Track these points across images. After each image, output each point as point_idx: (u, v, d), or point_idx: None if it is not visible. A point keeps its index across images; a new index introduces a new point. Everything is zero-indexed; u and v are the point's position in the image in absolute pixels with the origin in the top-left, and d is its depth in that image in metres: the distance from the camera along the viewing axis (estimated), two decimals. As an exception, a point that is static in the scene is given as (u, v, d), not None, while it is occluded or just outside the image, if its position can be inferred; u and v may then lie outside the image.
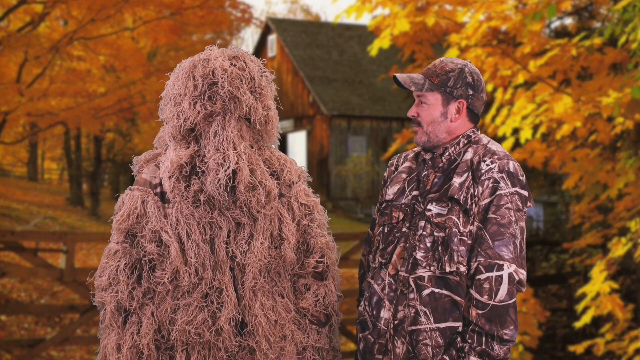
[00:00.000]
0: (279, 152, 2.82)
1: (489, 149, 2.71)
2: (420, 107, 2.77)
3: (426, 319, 2.63)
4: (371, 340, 2.73)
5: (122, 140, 27.11)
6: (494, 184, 2.64)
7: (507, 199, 2.63)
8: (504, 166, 2.65)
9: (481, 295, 2.58)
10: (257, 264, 2.65)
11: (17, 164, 35.81)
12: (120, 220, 2.71)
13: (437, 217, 2.66)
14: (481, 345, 2.59)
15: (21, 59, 13.42)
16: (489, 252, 2.59)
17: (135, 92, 14.48)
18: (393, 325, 2.68)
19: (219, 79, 2.65)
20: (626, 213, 9.61)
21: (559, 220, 20.01)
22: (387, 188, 2.84)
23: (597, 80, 8.81)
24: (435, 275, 2.64)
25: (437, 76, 2.76)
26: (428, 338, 2.63)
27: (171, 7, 13.35)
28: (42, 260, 10.47)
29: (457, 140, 2.75)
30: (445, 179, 2.71)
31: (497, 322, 2.58)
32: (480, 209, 2.63)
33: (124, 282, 2.67)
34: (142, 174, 2.76)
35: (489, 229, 2.61)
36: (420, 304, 2.64)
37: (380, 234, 2.79)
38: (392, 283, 2.70)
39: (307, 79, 28.13)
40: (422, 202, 2.72)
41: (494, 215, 2.62)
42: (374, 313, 2.73)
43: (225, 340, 2.63)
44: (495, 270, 2.58)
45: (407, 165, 2.85)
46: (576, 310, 9.01)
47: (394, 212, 2.78)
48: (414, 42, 10.21)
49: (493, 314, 2.58)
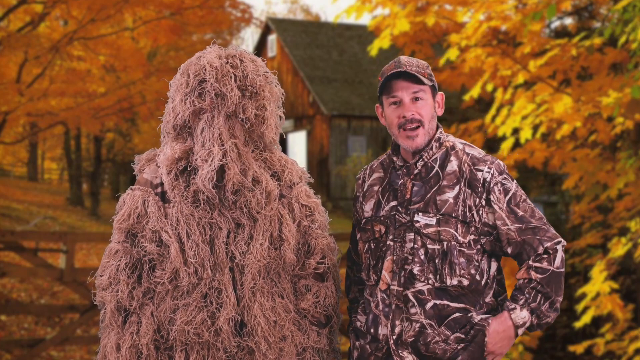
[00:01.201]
0: (281, 152, 2.81)
1: (472, 156, 2.70)
2: (417, 105, 2.69)
3: (433, 330, 2.62)
4: (368, 350, 2.71)
5: (122, 140, 27.11)
6: (504, 187, 2.66)
7: (519, 194, 2.68)
8: (499, 167, 2.68)
9: (541, 262, 2.61)
10: (257, 264, 2.64)
11: (17, 164, 35.81)
12: (121, 220, 2.70)
13: (427, 227, 2.64)
14: (536, 302, 2.60)
15: (21, 59, 13.42)
16: (549, 234, 2.64)
17: (135, 92, 14.48)
18: (393, 340, 2.65)
19: (207, 76, 2.64)
20: (626, 213, 9.60)
21: (559, 220, 20.00)
22: (363, 204, 2.80)
23: (597, 80, 8.81)
24: (434, 287, 2.63)
25: (424, 70, 2.70)
26: (437, 335, 2.62)
27: (171, 7, 13.34)
28: (42, 260, 10.48)
29: (430, 145, 2.71)
30: (427, 187, 2.68)
31: (553, 287, 2.61)
32: (505, 212, 2.64)
33: (124, 281, 2.66)
34: (144, 174, 2.76)
35: (533, 220, 2.65)
36: (425, 318, 2.63)
37: (368, 251, 2.76)
38: (385, 298, 2.67)
39: (307, 79, 28.13)
40: (405, 212, 2.68)
41: (523, 211, 2.65)
42: (371, 331, 2.71)
43: (224, 341, 2.62)
44: (560, 248, 2.63)
45: (376, 177, 2.80)
46: (576, 310, 9.00)
47: (375, 227, 2.74)
48: (414, 42, 10.20)
49: (552, 278, 2.60)
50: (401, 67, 2.67)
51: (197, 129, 2.67)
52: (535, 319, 2.61)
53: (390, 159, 2.80)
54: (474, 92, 9.34)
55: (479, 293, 2.67)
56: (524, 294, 2.60)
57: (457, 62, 9.63)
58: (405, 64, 2.68)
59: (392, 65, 2.71)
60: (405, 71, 2.66)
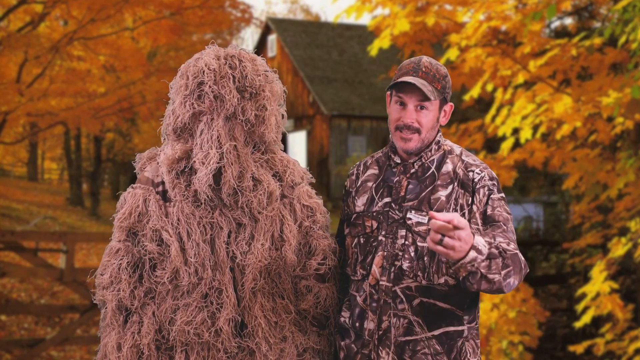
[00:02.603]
0: (282, 153, 2.80)
1: (467, 162, 2.72)
2: (420, 114, 2.69)
3: (420, 328, 2.63)
4: (354, 349, 2.70)
5: (122, 140, 27.11)
6: (489, 191, 2.66)
7: (500, 203, 2.66)
8: (491, 174, 2.70)
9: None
10: (257, 265, 2.64)
11: (17, 164, 35.81)
12: (122, 219, 2.70)
13: (418, 225, 2.64)
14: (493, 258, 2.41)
15: (21, 59, 13.42)
16: (507, 235, 2.55)
17: (135, 92, 14.48)
18: (377, 335, 2.65)
19: (205, 78, 2.64)
20: (626, 213, 9.60)
21: (559, 220, 19.99)
22: (355, 199, 2.79)
23: (597, 80, 8.80)
24: (421, 285, 2.63)
25: (438, 81, 2.70)
26: (426, 347, 2.62)
27: (171, 7, 13.34)
28: (42, 260, 10.48)
29: (429, 147, 2.74)
30: (422, 186, 2.69)
31: (510, 263, 2.45)
32: (480, 213, 2.64)
33: (125, 280, 2.65)
34: (145, 172, 2.76)
35: (498, 218, 2.61)
36: (413, 314, 2.63)
37: (356, 246, 2.75)
38: (373, 293, 2.67)
39: (307, 79, 28.13)
40: (398, 209, 2.69)
41: (495, 212, 2.64)
42: (356, 325, 2.70)
43: (224, 341, 2.62)
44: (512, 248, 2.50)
45: (371, 173, 2.81)
46: (576, 310, 9.00)
47: (367, 222, 2.74)
48: (414, 42, 10.20)
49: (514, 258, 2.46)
50: (417, 73, 2.67)
51: (196, 130, 2.66)
52: (485, 261, 2.40)
53: (387, 156, 2.81)
54: (474, 92, 9.34)
55: (466, 295, 2.67)
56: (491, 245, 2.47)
57: (457, 62, 9.63)
58: (424, 70, 2.68)
59: (410, 65, 2.71)
60: (417, 85, 2.64)
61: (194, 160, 2.63)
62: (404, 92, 2.69)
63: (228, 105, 2.63)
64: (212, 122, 2.64)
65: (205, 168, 2.60)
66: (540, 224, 21.87)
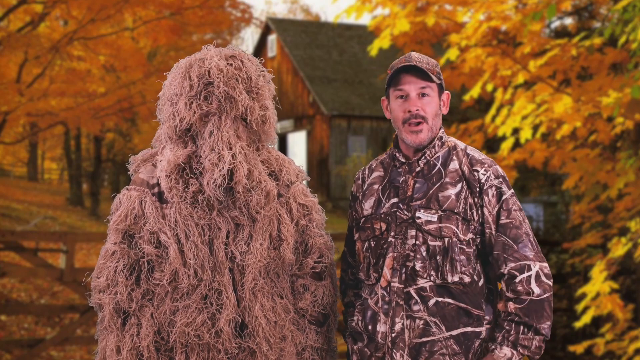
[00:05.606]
0: (277, 152, 2.80)
1: (472, 157, 2.71)
2: (423, 100, 2.70)
3: (437, 329, 2.60)
4: (367, 353, 2.68)
5: (122, 140, 27.10)
6: (498, 191, 2.65)
7: (512, 201, 2.65)
8: (497, 172, 2.68)
9: (516, 292, 2.58)
10: (257, 265, 2.63)
11: (17, 164, 35.81)
12: (118, 221, 2.68)
13: (428, 224, 2.63)
14: (516, 335, 2.57)
15: (21, 59, 13.42)
16: (517, 255, 2.60)
17: (135, 92, 14.47)
18: (391, 338, 2.63)
19: (215, 79, 2.61)
20: (626, 213, 9.60)
21: (559, 220, 19.99)
22: (363, 203, 2.79)
23: (597, 80, 8.80)
24: (436, 284, 2.62)
25: (432, 67, 2.73)
26: (444, 347, 2.60)
27: (171, 7, 13.34)
28: (42, 260, 10.47)
29: (432, 143, 2.72)
30: (429, 184, 2.68)
31: (534, 315, 2.57)
32: (493, 217, 2.64)
33: (122, 283, 2.64)
34: (139, 174, 2.74)
35: (509, 234, 2.62)
36: (429, 315, 2.61)
37: (367, 250, 2.74)
38: (385, 295, 2.66)
39: (307, 79, 28.11)
40: (406, 208, 2.67)
41: (508, 220, 2.63)
42: (369, 328, 2.68)
43: (225, 342, 2.61)
44: (526, 271, 2.58)
45: (376, 175, 2.80)
46: (576, 310, 9.00)
47: (375, 224, 2.72)
48: (414, 42, 10.20)
49: (531, 307, 2.57)
50: (411, 62, 2.70)
51: (204, 132, 2.63)
52: (522, 350, 2.57)
53: (391, 157, 2.80)
54: (474, 92, 9.34)
55: (480, 294, 2.66)
56: (503, 328, 2.59)
57: (457, 62, 9.63)
58: (415, 60, 2.71)
59: (402, 59, 2.74)
60: (415, 66, 2.68)
61: (203, 162, 2.61)
62: (404, 82, 2.70)
63: (239, 105, 2.62)
64: (221, 123, 2.62)
65: (219, 170, 2.58)
66: (540, 224, 21.88)
